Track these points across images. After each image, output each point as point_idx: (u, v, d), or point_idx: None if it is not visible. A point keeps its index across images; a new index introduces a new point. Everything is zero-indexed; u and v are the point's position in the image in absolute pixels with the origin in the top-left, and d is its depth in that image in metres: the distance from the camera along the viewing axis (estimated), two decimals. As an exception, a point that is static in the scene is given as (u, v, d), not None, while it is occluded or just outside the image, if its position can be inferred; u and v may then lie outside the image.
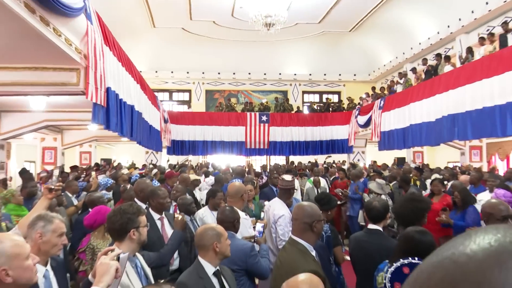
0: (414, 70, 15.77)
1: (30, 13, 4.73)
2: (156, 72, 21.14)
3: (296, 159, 19.00)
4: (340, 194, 9.59)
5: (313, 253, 2.78)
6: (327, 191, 9.80)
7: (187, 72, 21.72)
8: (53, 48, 5.68)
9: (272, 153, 18.99)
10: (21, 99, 9.07)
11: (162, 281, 3.49)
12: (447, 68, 12.67)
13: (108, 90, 7.18)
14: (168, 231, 4.23)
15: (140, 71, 16.13)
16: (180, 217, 3.77)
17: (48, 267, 2.63)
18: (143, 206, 4.87)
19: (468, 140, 13.80)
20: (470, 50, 12.11)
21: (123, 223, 2.64)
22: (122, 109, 8.09)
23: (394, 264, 2.47)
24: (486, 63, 9.99)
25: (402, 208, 3.76)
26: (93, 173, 9.82)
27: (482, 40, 11.61)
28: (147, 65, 20.31)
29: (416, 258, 1.85)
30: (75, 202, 6.76)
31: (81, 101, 7.88)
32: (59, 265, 2.77)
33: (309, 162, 17.73)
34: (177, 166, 12.54)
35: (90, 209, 4.96)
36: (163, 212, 4.43)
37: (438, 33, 15.70)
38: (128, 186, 6.28)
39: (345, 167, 15.87)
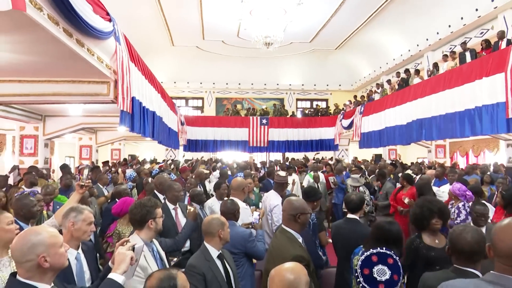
0: (389, 81, 15.72)
1: (68, 36, 4.73)
2: (175, 82, 21.17)
3: (290, 155, 19.02)
4: (332, 182, 9.66)
5: (300, 240, 2.77)
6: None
7: (200, 83, 21.75)
8: (87, 64, 5.68)
9: (271, 150, 19.04)
10: (62, 106, 9.11)
11: (173, 262, 3.53)
12: (416, 80, 12.64)
13: (133, 99, 7.19)
14: (181, 219, 4.25)
15: (161, 82, 16.18)
16: (192, 209, 3.78)
17: (80, 250, 2.64)
18: (161, 197, 4.89)
19: (434, 140, 13.76)
20: (435, 65, 12.07)
21: (143, 214, 2.65)
22: (145, 115, 8.11)
23: (366, 252, 2.47)
24: (448, 76, 9.96)
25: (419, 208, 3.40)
26: (120, 169, 9.82)
27: (445, 57, 11.59)
28: (167, 77, 20.35)
29: (384, 248, 1.85)
30: (106, 192, 6.77)
31: (111, 108, 7.90)
32: (90, 248, 2.78)
33: (303, 157, 17.76)
34: (189, 162, 12.51)
35: (117, 200, 4.97)
36: (177, 203, 4.44)
37: (409, 50, 15.63)
38: (150, 179, 6.28)
39: (332, 162, 15.88)
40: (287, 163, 13.00)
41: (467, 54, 10.07)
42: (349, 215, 3.69)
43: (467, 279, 1.59)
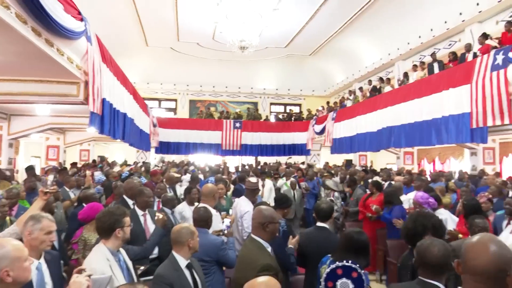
0: (361, 89, 16.04)
1: (36, 36, 4.60)
2: (148, 83, 20.87)
3: (263, 159, 19.10)
4: (303, 188, 9.73)
5: (269, 249, 2.78)
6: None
7: (174, 84, 21.54)
8: (57, 65, 5.53)
9: (244, 154, 19.01)
10: (28, 105, 8.80)
11: (141, 270, 3.46)
12: (387, 88, 12.93)
13: (103, 100, 7.06)
14: (150, 225, 4.18)
15: (134, 83, 15.89)
16: (161, 216, 3.72)
17: (42, 260, 2.54)
18: (131, 202, 4.80)
19: (402, 147, 14.10)
20: (405, 75, 12.39)
21: (111, 223, 2.60)
22: (115, 117, 7.97)
23: (332, 263, 2.50)
24: (417, 86, 10.24)
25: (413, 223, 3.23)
26: (88, 171, 9.58)
27: (415, 67, 11.91)
28: (140, 77, 20.05)
29: (350, 262, 1.87)
30: (72, 195, 6.58)
31: (80, 108, 7.70)
32: (54, 258, 2.69)
33: (276, 161, 17.85)
34: (162, 165, 12.35)
35: (84, 204, 4.85)
36: (147, 209, 4.36)
37: (380, 59, 15.98)
38: (119, 183, 6.15)
39: (304, 166, 16.04)
40: (259, 168, 13.03)
41: (435, 65, 10.39)
42: (319, 223, 3.72)
43: None
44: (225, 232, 3.99)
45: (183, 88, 21.87)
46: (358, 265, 1.88)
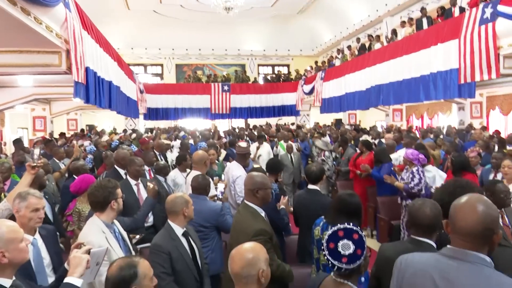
0: (349, 47, 15.83)
1: (11, 5, 4.38)
2: (132, 49, 20.35)
3: (253, 121, 19.06)
4: (296, 149, 9.76)
5: (263, 214, 2.81)
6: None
7: (159, 49, 21.04)
8: (35, 34, 5.31)
9: (233, 117, 19.01)
10: (10, 77, 8.54)
11: (136, 239, 3.50)
12: (377, 46, 12.76)
13: (87, 69, 6.88)
14: (143, 195, 4.18)
15: (118, 48, 15.44)
16: (151, 185, 3.70)
17: (37, 235, 2.54)
18: (122, 172, 4.78)
19: (391, 105, 14.12)
20: (394, 32, 12.22)
21: (105, 196, 2.59)
22: (101, 85, 7.80)
23: (333, 226, 2.57)
24: (406, 42, 10.15)
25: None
26: (74, 141, 9.43)
27: (403, 23, 11.74)
28: (124, 43, 19.49)
29: (351, 224, 1.94)
30: (62, 166, 6.53)
31: (64, 78, 7.48)
32: (49, 232, 2.69)
33: (266, 124, 17.84)
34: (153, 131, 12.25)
35: (75, 176, 4.82)
36: (139, 178, 4.36)
37: (368, 16, 15.69)
38: (109, 153, 6.09)
39: (293, 127, 16.07)
40: (253, 131, 12.98)
41: (424, 21, 10.24)
42: (310, 186, 3.77)
43: (426, 253, 1.67)
44: (220, 197, 4.02)
45: (169, 53, 21.40)
46: (359, 228, 1.95)
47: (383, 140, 9.37)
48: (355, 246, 1.88)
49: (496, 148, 6.75)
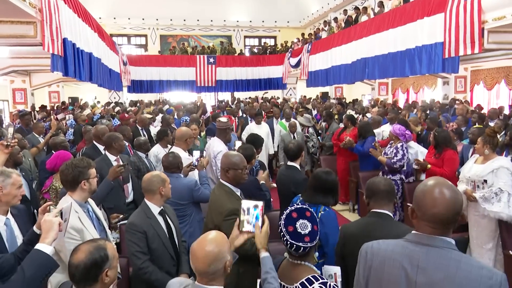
0: (336, 19, 15.59)
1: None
2: (114, 18, 19.77)
3: (239, 94, 18.89)
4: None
5: (238, 192, 2.78)
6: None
7: (143, 19, 20.47)
8: (7, 3, 5.08)
9: (219, 90, 18.79)
10: (-16, 48, 8.24)
11: (117, 220, 3.45)
12: (364, 18, 12.58)
13: (64, 40, 6.66)
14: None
15: (99, 18, 14.97)
16: (116, 167, 3.55)
17: (9, 215, 2.49)
18: (101, 148, 4.69)
19: (376, 79, 14.08)
20: (381, 4, 12.03)
21: (74, 175, 2.52)
22: (80, 57, 7.59)
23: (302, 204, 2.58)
24: (392, 15, 9.99)
25: None
26: (53, 116, 9.21)
27: (390, -5, 11.53)
28: (106, 13, 18.92)
29: (307, 204, 1.98)
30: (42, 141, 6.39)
31: (42, 49, 7.25)
32: (21, 212, 2.64)
33: (249, 97, 17.70)
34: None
35: (54, 152, 4.72)
36: (119, 155, 4.29)
37: (356, -14, 15.43)
38: (89, 127, 5.96)
39: (280, 101, 15.99)
40: (237, 103, 12.85)
41: (411, -7, 10.06)
42: (289, 163, 3.76)
43: (391, 240, 1.64)
44: (196, 164, 3.99)
45: (153, 23, 20.84)
46: (307, 204, 1.99)
47: (368, 115, 9.39)
48: (311, 223, 1.90)
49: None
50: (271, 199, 4.26)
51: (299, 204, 2.96)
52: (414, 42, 8.78)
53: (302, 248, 1.89)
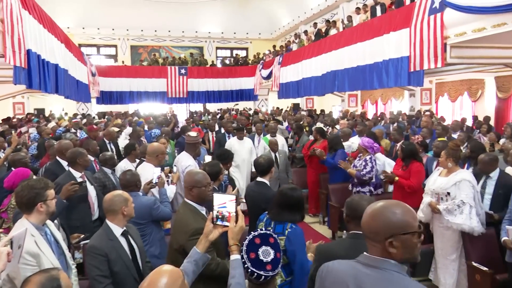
0: (306, 32, 15.83)
1: None
2: (83, 28, 19.39)
3: (211, 106, 18.83)
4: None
5: (203, 211, 2.71)
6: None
7: (113, 29, 20.17)
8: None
9: (191, 101, 18.68)
10: None
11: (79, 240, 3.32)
12: (333, 31, 12.83)
13: (28, 52, 6.45)
14: (89, 188, 4.02)
15: (67, 28, 14.61)
16: (68, 185, 3.42)
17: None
18: (65, 164, 4.52)
19: (346, 91, 14.32)
20: (349, 18, 12.31)
21: (30, 197, 2.40)
22: (45, 69, 7.36)
23: (275, 222, 2.54)
24: (360, 29, 10.24)
25: None
26: (13, 131, 8.87)
27: (358, 10, 11.84)
28: (74, 22, 18.54)
29: (273, 223, 1.92)
30: (1, 156, 6.11)
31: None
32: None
33: (219, 109, 17.68)
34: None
35: (13, 169, 4.52)
36: (83, 171, 4.15)
37: (325, 0, 15.72)
38: (53, 141, 5.76)
39: (251, 112, 16.02)
40: (213, 117, 12.74)
41: (378, 8, 10.36)
42: (259, 178, 3.72)
43: (346, 260, 1.63)
44: (156, 182, 3.90)
45: (123, 33, 20.57)
46: (271, 231, 1.93)
47: (337, 127, 9.51)
48: (274, 250, 1.84)
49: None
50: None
51: (265, 222, 2.96)
52: (382, 55, 9.01)
53: (263, 277, 1.84)
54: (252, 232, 1.95)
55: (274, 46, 18.96)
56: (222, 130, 9.17)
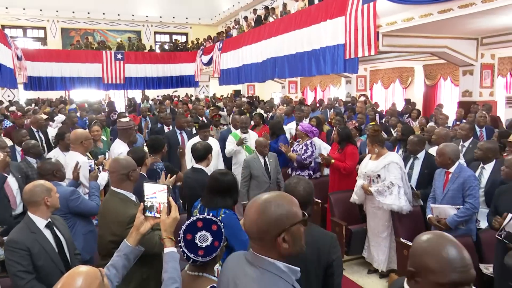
0: (246, 18, 15.75)
1: None
2: (7, 8, 17.85)
3: (150, 92, 18.24)
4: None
5: (133, 198, 2.61)
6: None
7: (41, 10, 18.76)
8: None
9: (128, 88, 18.00)
10: None
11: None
12: (271, 18, 12.86)
13: None
14: (11, 182, 3.72)
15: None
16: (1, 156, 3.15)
17: None
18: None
19: (286, 78, 14.51)
20: (284, 6, 12.40)
21: None
22: (-40, 51, 6.68)
23: (208, 209, 2.50)
24: (298, 17, 10.34)
25: None
26: None
27: (296, -3, 11.93)
28: (-5, 1, 17.00)
29: (211, 214, 1.86)
30: None
31: None
32: None
33: (164, 94, 17.16)
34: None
35: None
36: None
37: (264, -14, 15.75)
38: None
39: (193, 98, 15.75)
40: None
41: (315, -4, 10.50)
42: (195, 165, 3.65)
43: (238, 252, 1.58)
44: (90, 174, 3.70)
45: (52, 15, 19.22)
46: (218, 219, 1.86)
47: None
48: (213, 237, 1.80)
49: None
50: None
51: (199, 209, 2.90)
52: (319, 43, 9.19)
53: (192, 260, 1.79)
54: (198, 215, 1.88)
55: (213, 36, 18.65)
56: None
